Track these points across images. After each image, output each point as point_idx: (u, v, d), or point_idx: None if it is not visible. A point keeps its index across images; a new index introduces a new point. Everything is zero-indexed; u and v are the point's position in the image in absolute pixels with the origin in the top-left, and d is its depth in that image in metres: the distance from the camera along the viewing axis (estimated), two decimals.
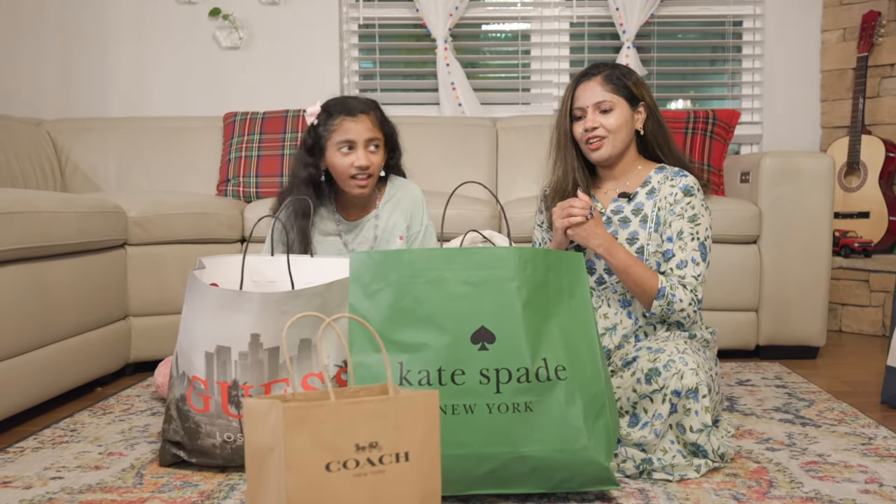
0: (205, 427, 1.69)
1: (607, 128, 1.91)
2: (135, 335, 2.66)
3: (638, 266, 1.84)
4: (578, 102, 1.95)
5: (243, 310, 1.64)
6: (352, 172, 2.06)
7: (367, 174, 2.07)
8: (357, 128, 2.05)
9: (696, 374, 1.67)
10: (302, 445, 1.09)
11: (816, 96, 3.87)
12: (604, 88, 1.92)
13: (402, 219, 2.21)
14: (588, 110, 1.92)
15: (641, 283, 1.83)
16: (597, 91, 1.92)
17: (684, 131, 3.18)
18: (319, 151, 2.09)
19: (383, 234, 2.19)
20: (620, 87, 1.93)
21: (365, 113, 2.07)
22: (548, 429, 1.49)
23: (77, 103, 3.81)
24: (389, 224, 2.19)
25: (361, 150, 2.05)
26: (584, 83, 1.95)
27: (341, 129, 2.05)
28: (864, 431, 1.97)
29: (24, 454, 1.85)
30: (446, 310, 1.51)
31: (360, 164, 2.05)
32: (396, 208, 2.21)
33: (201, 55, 3.84)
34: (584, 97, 1.94)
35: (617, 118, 1.91)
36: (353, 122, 2.05)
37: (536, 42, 3.96)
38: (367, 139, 2.06)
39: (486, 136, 3.47)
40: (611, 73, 1.94)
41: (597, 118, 1.91)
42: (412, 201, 2.21)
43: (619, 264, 1.84)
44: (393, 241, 2.19)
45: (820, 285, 2.82)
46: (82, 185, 3.34)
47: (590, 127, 1.91)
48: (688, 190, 1.91)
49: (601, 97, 1.92)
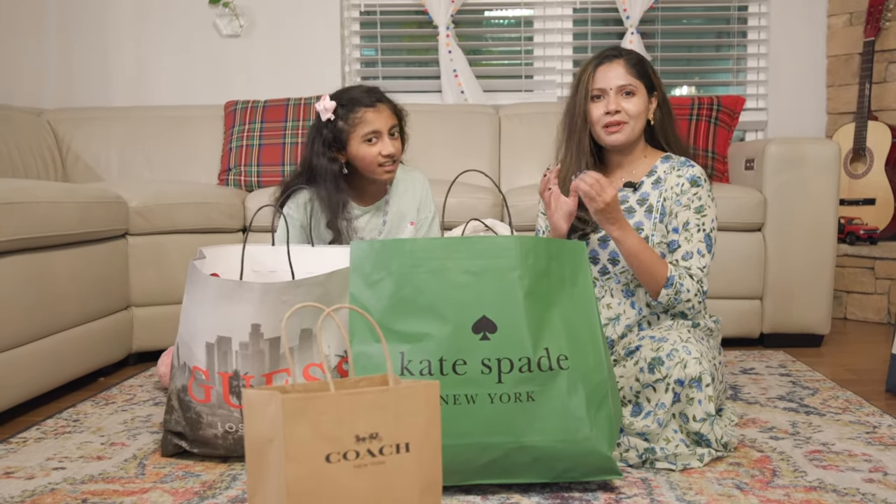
0: (206, 417, 1.68)
1: (629, 112, 1.88)
2: (137, 325, 2.66)
3: (648, 253, 1.82)
4: (600, 84, 1.90)
5: (244, 300, 1.63)
6: (380, 161, 2.09)
7: (393, 160, 2.11)
8: (380, 118, 2.08)
9: (699, 364, 1.66)
10: (302, 436, 1.08)
11: (822, 82, 3.84)
12: (627, 72, 1.89)
13: (413, 205, 2.23)
14: (611, 92, 1.88)
15: (651, 270, 1.81)
16: (621, 73, 1.89)
17: (689, 118, 3.16)
18: (341, 145, 2.10)
19: (393, 220, 2.20)
20: (642, 73, 1.91)
21: (382, 102, 2.11)
22: (550, 419, 1.49)
23: (78, 93, 3.80)
24: (401, 209, 2.21)
25: (387, 138, 2.09)
26: (606, 64, 1.91)
27: (364, 121, 2.07)
28: (869, 420, 1.96)
29: (26, 444, 1.85)
30: (447, 299, 1.51)
31: (387, 153, 2.08)
32: (406, 194, 2.23)
33: (202, 43, 3.82)
34: (606, 78, 1.90)
35: (637, 104, 1.89)
36: (376, 113, 2.08)
37: (539, 28, 3.93)
38: (390, 127, 2.10)
39: (489, 124, 3.45)
40: (631, 57, 1.92)
41: (620, 101, 1.88)
42: (422, 188, 2.24)
43: (632, 248, 1.80)
44: (404, 227, 2.21)
45: (824, 273, 2.80)
46: (84, 176, 3.33)
47: (612, 109, 1.88)
48: (695, 180, 1.89)
49: (626, 80, 1.89)
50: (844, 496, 1.49)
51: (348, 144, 2.10)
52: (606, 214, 1.78)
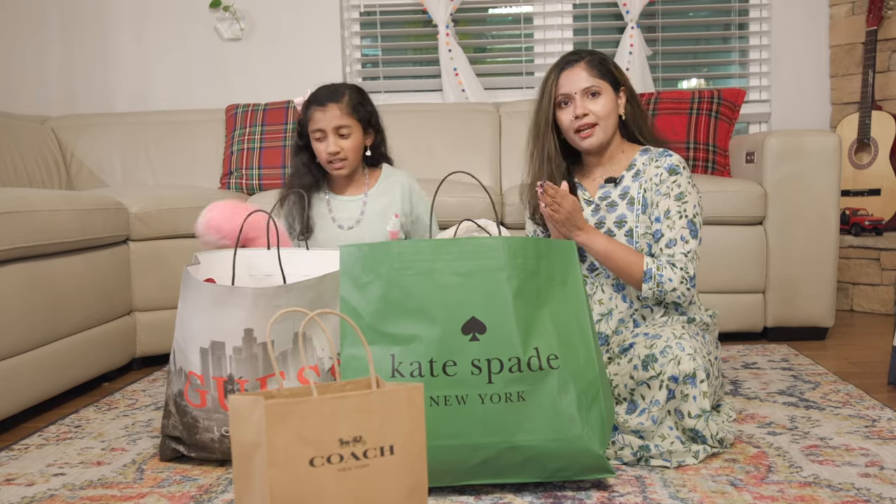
0: (202, 422, 1.70)
1: (597, 114, 1.89)
2: (140, 330, 2.68)
3: (619, 251, 1.82)
4: (564, 89, 1.91)
5: (236, 305, 1.64)
6: (326, 158, 2.20)
7: (339, 158, 2.19)
8: (325, 117, 2.17)
9: (693, 360, 1.66)
10: (285, 441, 1.09)
11: (826, 72, 3.81)
12: (589, 73, 1.90)
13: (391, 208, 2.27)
14: (576, 96, 1.89)
15: (625, 267, 1.82)
16: (583, 76, 1.90)
17: (689, 112, 3.15)
18: (306, 139, 2.25)
19: (368, 217, 2.25)
20: (605, 71, 1.91)
21: (334, 101, 2.18)
22: (541, 418, 1.49)
23: (81, 100, 3.83)
24: (376, 209, 2.27)
25: (331, 137, 2.18)
26: (568, 69, 1.92)
27: (313, 119, 2.19)
28: (869, 413, 1.95)
29: (28, 451, 1.87)
30: (436, 301, 1.51)
31: (330, 151, 2.18)
32: (383, 195, 2.28)
33: (203, 48, 3.84)
34: (569, 83, 1.91)
35: (605, 103, 1.89)
36: (322, 112, 2.18)
37: (539, 25, 3.92)
38: (335, 127, 2.17)
39: (489, 122, 3.45)
40: (592, 59, 1.92)
41: (586, 104, 1.89)
42: (401, 188, 2.29)
43: (601, 251, 1.83)
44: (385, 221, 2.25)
45: (827, 265, 2.79)
46: (88, 182, 3.36)
47: (580, 113, 1.89)
48: (673, 169, 1.89)
49: (589, 82, 1.89)
50: (839, 491, 1.48)
51: (309, 139, 2.23)
52: (568, 224, 1.82)
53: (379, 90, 3.92)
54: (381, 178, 2.30)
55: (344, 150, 2.19)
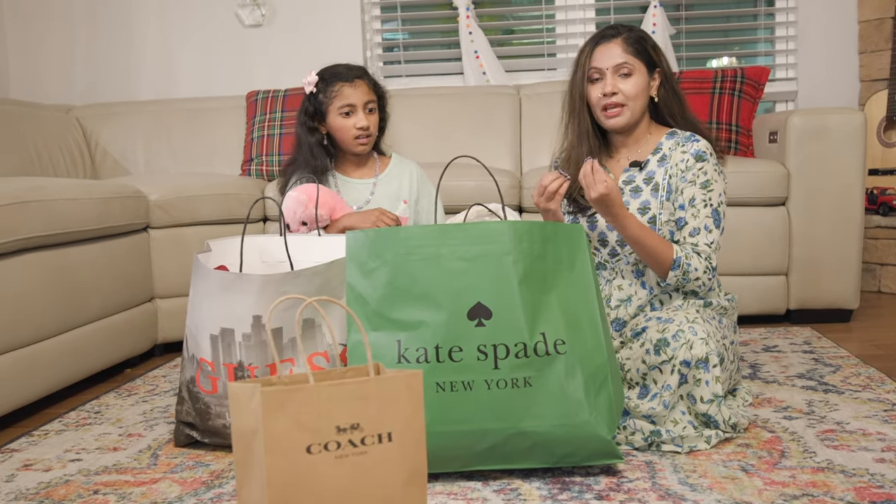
0: (214, 408, 1.71)
1: (626, 94, 1.85)
2: (161, 317, 2.71)
3: (652, 237, 1.79)
4: (596, 63, 1.88)
5: (244, 292, 1.65)
6: (354, 134, 2.20)
7: (367, 134, 2.22)
8: (356, 93, 2.20)
9: (705, 344, 1.64)
10: (282, 429, 1.10)
11: (854, 48, 3.72)
12: (624, 51, 1.86)
13: (399, 194, 2.28)
14: (607, 73, 1.86)
15: (656, 254, 1.79)
16: (617, 53, 1.86)
17: (711, 91, 3.10)
18: (321, 117, 2.24)
19: (377, 200, 2.27)
20: (641, 50, 1.87)
21: (360, 78, 2.22)
22: (548, 403, 1.48)
23: (105, 88, 3.87)
24: (386, 192, 2.28)
25: (361, 112, 2.20)
26: (603, 44, 1.88)
27: (341, 94, 2.19)
28: (889, 397, 1.91)
29: (48, 437, 1.90)
30: (442, 287, 1.50)
31: (361, 126, 2.19)
32: (392, 182, 2.30)
33: (225, 34, 3.85)
34: (603, 58, 1.87)
35: (635, 83, 1.85)
36: (352, 88, 2.20)
37: (561, 5, 3.88)
38: (365, 102, 2.20)
39: (510, 105, 3.42)
40: (630, 36, 1.88)
41: (616, 82, 1.85)
42: (410, 176, 2.31)
43: (633, 236, 1.78)
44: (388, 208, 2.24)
45: (852, 246, 2.73)
46: (112, 170, 3.40)
47: (609, 91, 1.85)
48: (700, 155, 1.85)
49: (622, 59, 1.86)
50: (852, 477, 1.46)
51: (327, 116, 2.22)
52: (600, 205, 1.76)
53: (400, 74, 3.90)
54: (392, 164, 2.31)
55: (372, 126, 2.22)
